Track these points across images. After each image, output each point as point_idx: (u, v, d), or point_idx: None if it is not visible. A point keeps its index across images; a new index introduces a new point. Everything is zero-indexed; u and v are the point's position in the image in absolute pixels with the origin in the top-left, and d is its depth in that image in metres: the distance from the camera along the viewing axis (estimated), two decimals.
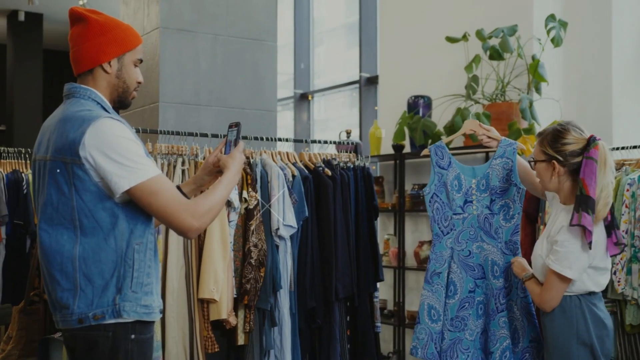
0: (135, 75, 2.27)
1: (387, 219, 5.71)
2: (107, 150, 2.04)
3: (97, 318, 2.07)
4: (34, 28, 8.94)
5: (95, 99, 2.19)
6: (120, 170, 2.04)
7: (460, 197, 3.05)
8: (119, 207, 2.10)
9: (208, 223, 2.17)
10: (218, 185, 2.23)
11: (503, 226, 2.97)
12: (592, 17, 4.79)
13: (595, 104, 4.76)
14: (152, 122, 4.22)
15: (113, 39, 2.19)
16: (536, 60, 4.54)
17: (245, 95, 4.53)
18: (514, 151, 2.98)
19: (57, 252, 2.08)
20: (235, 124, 2.43)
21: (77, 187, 2.07)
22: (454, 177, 3.09)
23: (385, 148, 5.58)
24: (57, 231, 2.09)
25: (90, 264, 2.07)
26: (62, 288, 2.09)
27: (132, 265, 2.10)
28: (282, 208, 3.65)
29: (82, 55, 2.20)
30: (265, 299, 3.58)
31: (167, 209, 2.08)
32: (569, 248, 2.64)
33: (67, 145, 2.07)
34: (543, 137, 2.73)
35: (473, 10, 5.20)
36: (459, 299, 3.02)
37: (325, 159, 4.05)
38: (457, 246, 3.06)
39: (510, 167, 2.97)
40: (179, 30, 4.31)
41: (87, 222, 2.07)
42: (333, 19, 8.15)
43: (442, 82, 5.27)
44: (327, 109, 8.08)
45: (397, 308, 5.30)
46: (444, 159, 3.11)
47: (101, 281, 2.07)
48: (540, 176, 2.76)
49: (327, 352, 3.88)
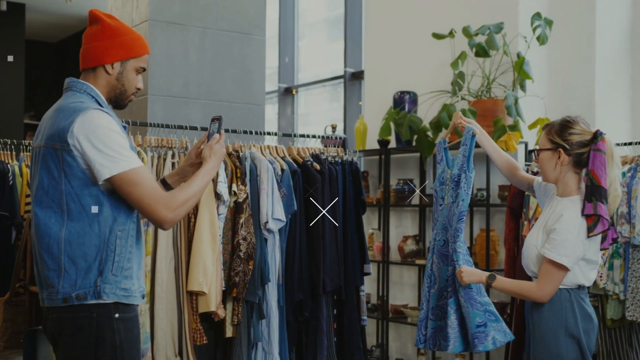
0: (135, 81, 2.41)
1: (371, 214, 5.75)
2: (92, 139, 2.17)
3: (80, 298, 2.19)
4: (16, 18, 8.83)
5: (91, 93, 2.32)
6: (103, 159, 2.17)
7: (442, 189, 3.11)
8: (104, 195, 2.22)
9: (183, 215, 2.31)
10: (195, 178, 2.37)
11: (455, 213, 2.98)
12: (576, 15, 4.85)
13: (579, 102, 4.82)
14: (140, 114, 4.22)
15: (120, 43, 2.35)
16: (521, 58, 4.60)
17: (233, 89, 4.53)
18: (469, 137, 3.00)
19: (46, 234, 2.21)
20: (217, 117, 2.52)
21: (66, 172, 2.20)
22: (441, 171, 3.16)
23: (370, 143, 5.62)
24: (46, 214, 2.21)
25: (75, 246, 2.20)
26: (49, 267, 2.22)
27: (113, 250, 2.23)
28: (271, 202, 3.67)
29: (89, 53, 2.36)
30: (253, 292, 3.60)
31: (143, 199, 2.21)
32: (567, 236, 2.67)
33: (58, 133, 2.20)
34: (551, 126, 2.80)
35: (459, 7, 5.24)
36: (438, 288, 3.06)
37: (313, 153, 4.08)
38: (437, 236, 3.11)
39: (467, 155, 2.99)
40: (168, 23, 4.30)
41: (74, 206, 2.20)
42: (315, 12, 8.14)
43: (427, 78, 5.31)
44: (308, 103, 8.09)
45: (381, 302, 5.35)
46: (439, 154, 3.17)
47: (84, 263, 2.20)
48: (543, 165, 2.80)
49: (314, 345, 3.91)
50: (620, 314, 3.85)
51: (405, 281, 5.61)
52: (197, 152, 2.54)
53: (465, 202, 2.95)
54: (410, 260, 5.24)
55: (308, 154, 4.07)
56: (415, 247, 5.27)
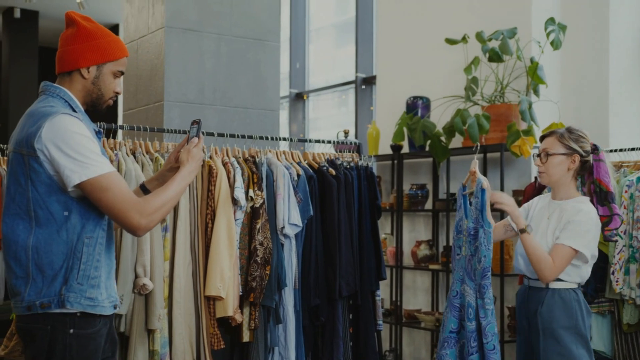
0: (113, 85, 2.34)
1: (384, 219, 5.76)
2: (61, 145, 2.11)
3: (44, 306, 2.14)
4: (29, 25, 8.91)
5: (64, 97, 2.26)
6: (72, 164, 2.11)
7: (459, 238, 3.10)
8: (72, 201, 2.16)
9: (158, 221, 2.23)
10: (171, 183, 2.29)
11: (477, 268, 2.97)
12: (590, 20, 4.86)
13: (592, 106, 4.83)
14: (156, 120, 4.25)
15: (96, 47, 2.28)
16: (535, 63, 4.61)
17: (248, 95, 4.56)
18: (479, 189, 2.97)
19: (13, 241, 2.17)
20: (196, 121, 2.46)
21: (33, 179, 2.14)
22: (459, 219, 3.12)
23: (382, 148, 5.63)
24: (13, 221, 2.17)
25: (42, 254, 2.14)
26: (16, 276, 2.17)
27: (80, 257, 2.17)
28: (288, 207, 3.69)
29: (64, 56, 2.29)
30: (270, 297, 3.62)
31: (115, 205, 2.14)
32: (589, 228, 2.87)
33: (25, 138, 2.15)
34: (561, 134, 2.98)
35: (472, 12, 5.26)
36: (442, 337, 3.08)
37: (329, 159, 4.09)
38: (452, 286, 3.12)
39: (479, 207, 2.96)
40: (183, 30, 4.33)
41: (41, 213, 2.15)
42: (325, 17, 8.15)
43: (440, 83, 5.32)
44: (316, 108, 8.11)
45: (394, 307, 5.35)
46: (459, 201, 3.13)
47: (51, 271, 2.15)
48: (552, 168, 2.95)
49: (330, 350, 3.92)
50: (637, 318, 3.85)
51: (418, 286, 5.61)
52: (177, 156, 2.45)
53: (488, 258, 2.93)
54: (423, 265, 5.24)
55: (323, 160, 4.09)
56: (429, 252, 5.28)
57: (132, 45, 4.60)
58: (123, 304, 3.21)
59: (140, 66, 4.49)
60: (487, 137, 4.73)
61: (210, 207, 3.55)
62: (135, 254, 3.27)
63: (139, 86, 4.50)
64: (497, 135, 4.71)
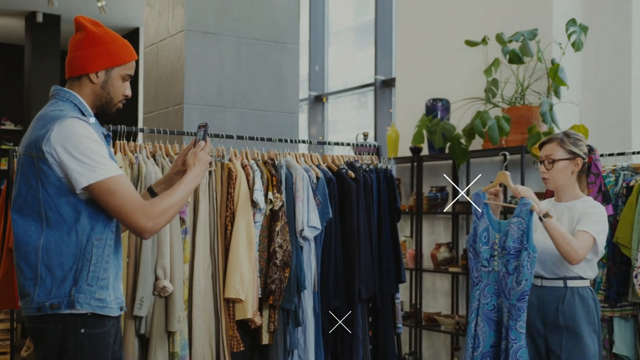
0: (122, 89, 2.36)
1: (403, 221, 5.74)
2: (69, 148, 2.14)
3: (54, 307, 2.16)
4: (51, 29, 9.00)
5: (74, 101, 2.29)
6: (80, 167, 2.14)
7: (487, 250, 3.03)
8: (82, 204, 2.19)
9: (164, 224, 2.25)
10: (177, 186, 2.31)
11: (514, 288, 2.92)
12: (612, 21, 4.81)
13: (614, 108, 4.78)
14: (176, 123, 4.27)
15: (104, 51, 2.30)
16: (556, 64, 4.57)
17: (268, 97, 4.57)
18: (528, 212, 2.92)
19: (24, 242, 2.19)
20: (203, 125, 2.48)
21: (43, 181, 2.17)
22: (483, 229, 3.07)
23: (401, 150, 5.61)
24: (26, 222, 2.19)
25: (52, 255, 2.16)
26: (26, 277, 2.18)
27: (89, 259, 2.19)
28: (307, 209, 3.69)
29: (73, 61, 2.31)
30: (289, 299, 3.62)
31: (121, 208, 2.17)
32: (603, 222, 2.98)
33: (35, 141, 2.18)
34: (560, 139, 3.07)
35: (492, 14, 5.23)
36: (481, 352, 3.02)
37: (348, 161, 4.09)
38: (483, 299, 3.05)
39: (524, 228, 2.91)
40: (203, 33, 4.35)
41: (52, 215, 2.17)
42: (344, 20, 8.15)
43: (460, 86, 5.30)
44: (335, 110, 8.11)
45: (414, 310, 5.33)
46: (480, 208, 3.10)
47: (61, 273, 2.17)
48: (558, 173, 3.04)
49: (349, 353, 3.91)
50: None
51: (438, 289, 5.58)
52: (184, 160, 2.47)
53: (529, 281, 2.89)
54: (443, 268, 5.22)
55: (343, 162, 4.08)
56: (449, 255, 5.25)
57: (152, 48, 4.63)
58: (143, 306, 3.23)
59: (160, 69, 4.52)
60: (507, 139, 4.70)
61: (229, 209, 3.56)
62: (155, 257, 3.28)
63: (159, 89, 4.52)
64: (517, 137, 4.68)
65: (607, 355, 4.03)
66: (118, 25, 9.26)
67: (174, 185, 2.34)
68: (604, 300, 3.96)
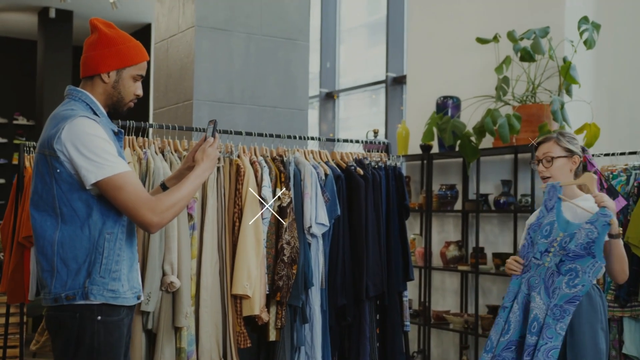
0: (133, 88, 2.45)
1: (413, 219, 5.73)
2: (79, 146, 2.24)
3: (69, 298, 2.27)
4: (64, 25, 9.02)
5: (86, 101, 2.39)
6: (89, 164, 2.24)
7: (544, 244, 2.96)
8: (93, 199, 2.29)
9: (170, 218, 2.34)
10: (185, 182, 2.40)
11: (563, 289, 2.87)
12: (624, 19, 4.77)
13: (627, 107, 4.74)
14: (186, 119, 4.27)
15: (116, 52, 2.39)
16: (568, 62, 4.53)
17: (277, 94, 4.56)
18: (605, 223, 2.83)
19: (41, 236, 2.30)
20: (212, 121, 2.55)
21: (56, 177, 2.27)
22: (548, 222, 3.00)
23: (412, 148, 5.60)
24: (42, 217, 2.30)
25: (67, 249, 2.27)
26: (43, 269, 2.31)
27: (102, 252, 2.29)
28: (315, 206, 3.69)
29: (86, 62, 2.42)
30: (297, 296, 3.62)
31: (128, 203, 2.26)
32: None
33: (47, 140, 2.29)
34: (556, 138, 3.10)
35: (504, 11, 5.20)
36: (508, 339, 2.96)
37: (357, 159, 4.08)
38: (524, 289, 2.99)
39: (594, 238, 2.84)
40: (213, 29, 4.35)
41: (66, 210, 2.28)
42: (356, 17, 8.14)
43: (471, 83, 5.27)
44: (347, 108, 8.10)
45: (423, 308, 5.32)
46: (551, 201, 3.02)
47: (75, 265, 2.27)
48: (558, 171, 3.05)
49: (356, 350, 3.91)
50: None
51: (447, 287, 5.57)
52: (194, 155, 2.55)
53: (586, 288, 2.84)
54: (452, 266, 5.20)
55: (351, 159, 4.07)
56: (458, 253, 5.23)
57: (162, 44, 4.64)
58: (150, 301, 3.24)
59: (170, 65, 4.52)
60: (518, 137, 4.67)
61: (237, 205, 3.56)
62: (163, 252, 3.29)
63: (168, 85, 4.53)
64: (528, 135, 4.65)
65: (616, 356, 4.01)
66: (130, 22, 9.29)
67: (181, 181, 2.43)
68: (614, 300, 3.94)
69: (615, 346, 4.01)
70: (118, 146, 2.39)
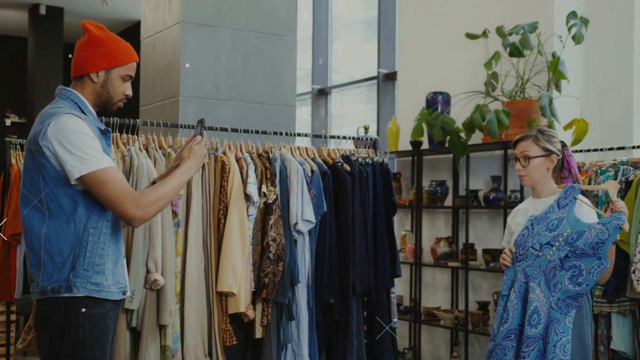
0: (122, 88, 2.51)
1: (404, 215, 5.71)
2: (63, 142, 2.30)
3: (55, 291, 2.32)
4: (54, 21, 8.97)
5: (74, 100, 2.45)
6: (73, 160, 2.29)
7: (546, 237, 2.95)
8: (79, 194, 2.35)
9: (154, 213, 2.40)
10: (169, 178, 2.46)
11: (565, 285, 2.87)
12: (613, 14, 4.76)
13: (616, 102, 4.73)
14: (172, 115, 4.25)
15: (105, 53, 2.45)
16: (556, 58, 4.52)
17: (264, 90, 4.54)
18: (617, 227, 2.83)
19: (29, 231, 2.36)
20: (200, 120, 2.62)
21: (43, 173, 2.33)
22: (556, 217, 2.99)
23: (403, 144, 5.58)
24: (30, 212, 2.36)
25: (53, 243, 2.33)
26: (32, 263, 2.37)
27: (86, 246, 2.34)
28: (301, 203, 3.67)
29: (76, 62, 2.49)
30: (283, 293, 3.60)
31: (112, 197, 2.32)
32: None
33: (34, 136, 2.35)
34: (534, 136, 3.08)
35: (493, 7, 5.18)
36: (507, 328, 2.96)
37: (344, 155, 4.06)
38: (521, 277, 2.99)
39: (604, 239, 2.84)
40: (199, 25, 4.33)
41: (53, 205, 2.33)
42: (350, 14, 8.13)
43: (461, 79, 5.26)
44: (343, 104, 8.08)
45: (413, 304, 5.31)
46: (566, 199, 3.00)
47: (60, 259, 2.33)
48: (534, 170, 3.05)
49: (344, 347, 3.89)
50: None
51: (437, 283, 5.56)
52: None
53: (589, 287, 2.87)
54: (443, 262, 5.19)
55: (338, 155, 4.05)
56: (448, 249, 5.22)
57: (149, 40, 4.61)
58: (134, 299, 3.22)
59: (156, 62, 4.50)
60: (507, 133, 4.66)
61: (222, 202, 3.54)
62: (147, 250, 3.27)
63: (155, 81, 4.50)
64: (517, 131, 4.62)
65: (604, 351, 4.00)
66: (121, 19, 9.24)
67: (167, 177, 2.48)
68: (602, 296, 3.93)
69: (603, 342, 4.01)
70: (104, 144, 2.43)
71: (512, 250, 3.02)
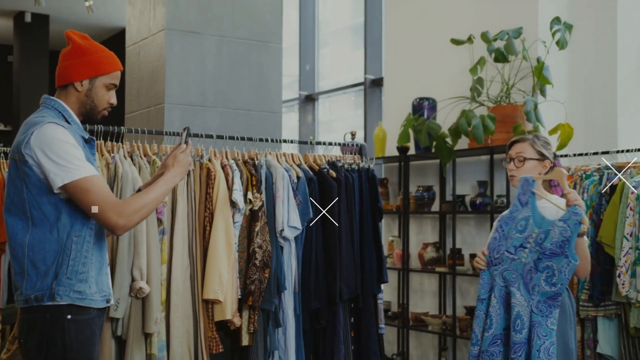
0: (107, 97, 2.52)
1: (391, 221, 5.71)
2: (46, 150, 2.30)
3: (38, 300, 2.32)
4: (40, 29, 8.96)
5: (58, 109, 2.45)
6: (56, 168, 2.29)
7: (518, 239, 2.96)
8: (62, 203, 2.34)
9: (137, 222, 2.40)
10: (154, 186, 2.46)
11: (542, 287, 2.87)
12: (597, 19, 4.79)
13: (600, 106, 4.76)
14: (157, 123, 4.24)
15: (88, 62, 2.46)
16: (541, 63, 4.54)
17: (250, 97, 4.54)
18: (577, 222, 2.84)
19: (13, 239, 2.37)
20: (185, 128, 2.63)
21: (26, 182, 2.34)
22: (522, 217, 2.99)
23: (389, 150, 5.59)
24: (14, 221, 2.36)
25: (37, 251, 2.33)
26: (16, 271, 2.37)
27: (69, 254, 2.34)
28: (287, 209, 3.66)
29: (60, 72, 2.49)
30: (269, 300, 3.59)
31: (95, 205, 2.32)
32: None
33: (17, 145, 2.36)
34: (532, 140, 3.12)
35: (478, 13, 5.20)
36: (492, 334, 2.96)
37: (329, 161, 4.06)
38: (500, 281, 2.98)
39: (567, 236, 2.84)
40: (184, 32, 4.32)
41: (36, 213, 2.34)
42: (338, 20, 8.15)
43: (447, 84, 5.27)
44: (331, 110, 8.09)
45: (401, 310, 5.31)
46: (525, 195, 3.01)
47: (44, 267, 2.33)
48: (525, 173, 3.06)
49: (331, 353, 3.88)
50: None
51: (425, 289, 5.56)
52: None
53: (564, 285, 2.86)
54: (430, 268, 5.19)
55: (324, 162, 4.05)
56: (436, 255, 5.22)
57: (134, 47, 4.60)
58: (119, 307, 3.20)
59: (142, 69, 4.49)
60: (493, 138, 4.67)
61: (208, 209, 3.53)
62: (132, 258, 3.25)
63: (140, 89, 4.49)
64: (503, 136, 4.65)
65: (591, 355, 4.01)
66: (105, 25, 9.22)
67: (151, 185, 2.48)
68: (587, 300, 3.94)
69: (589, 345, 4.02)
70: (88, 153, 2.44)
71: (484, 253, 3.03)
